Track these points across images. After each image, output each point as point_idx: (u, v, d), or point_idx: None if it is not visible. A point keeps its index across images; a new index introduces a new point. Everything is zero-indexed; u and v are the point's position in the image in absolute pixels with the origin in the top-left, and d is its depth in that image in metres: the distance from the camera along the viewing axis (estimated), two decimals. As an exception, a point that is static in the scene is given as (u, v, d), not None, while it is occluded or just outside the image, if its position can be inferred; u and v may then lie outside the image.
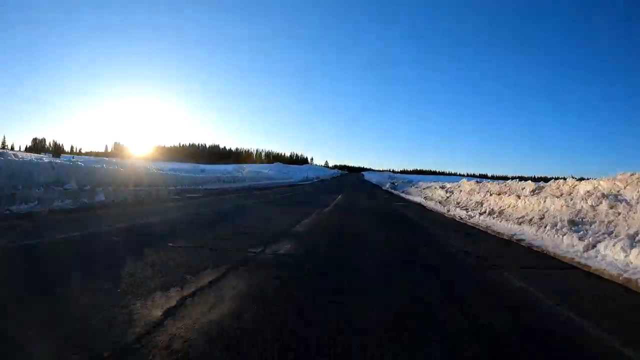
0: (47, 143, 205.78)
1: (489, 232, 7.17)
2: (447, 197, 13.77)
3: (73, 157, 49.79)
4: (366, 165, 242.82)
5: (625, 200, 5.70)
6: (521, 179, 12.86)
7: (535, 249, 5.48)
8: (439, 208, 11.90)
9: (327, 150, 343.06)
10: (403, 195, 22.18)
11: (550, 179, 10.40)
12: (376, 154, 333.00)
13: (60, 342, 1.96)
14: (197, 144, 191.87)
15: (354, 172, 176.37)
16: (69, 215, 6.81)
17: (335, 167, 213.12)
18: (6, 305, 2.46)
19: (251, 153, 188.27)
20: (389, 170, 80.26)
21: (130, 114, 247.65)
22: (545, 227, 6.01)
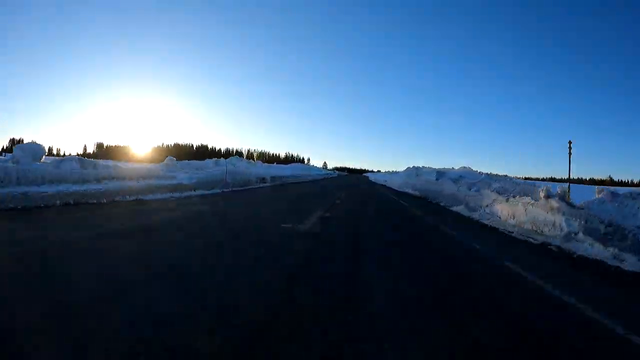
0: (25, 142, 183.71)
1: None
2: None
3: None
4: (367, 167, 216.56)
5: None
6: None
7: None
8: None
9: (327, 153, 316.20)
10: None
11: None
12: (376, 156, 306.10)
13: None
14: (182, 143, 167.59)
15: (355, 174, 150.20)
16: None
17: (335, 169, 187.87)
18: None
19: (242, 153, 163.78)
20: (411, 167, 50.67)
21: (117, 115, 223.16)
22: None
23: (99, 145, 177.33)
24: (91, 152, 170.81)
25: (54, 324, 2.03)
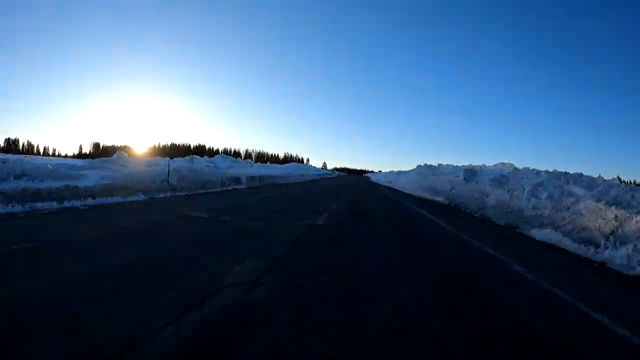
0: (21, 143, 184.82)
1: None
2: None
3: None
4: (367, 168, 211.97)
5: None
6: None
7: None
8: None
9: (327, 154, 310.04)
10: None
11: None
12: (376, 157, 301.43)
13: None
14: (178, 143, 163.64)
15: (355, 174, 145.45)
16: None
17: (335, 169, 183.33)
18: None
19: (239, 153, 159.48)
20: (423, 166, 38.73)
21: (115, 115, 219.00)
22: None
23: (96, 145, 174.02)
24: (87, 152, 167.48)
25: None
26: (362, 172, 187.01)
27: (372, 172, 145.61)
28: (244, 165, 34.58)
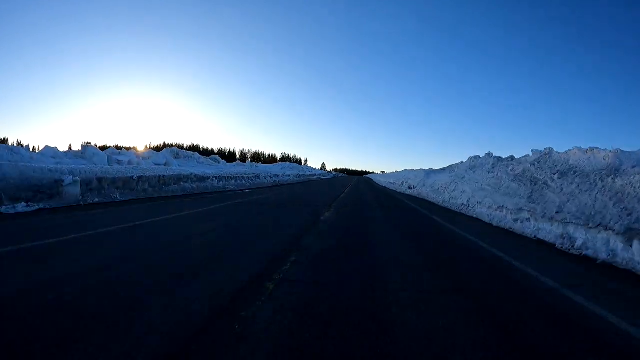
0: (10, 143, 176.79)
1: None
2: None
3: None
4: (367, 169, 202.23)
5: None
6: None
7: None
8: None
9: (328, 156, 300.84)
10: None
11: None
12: (375, 158, 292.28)
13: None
14: (171, 143, 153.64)
15: (356, 175, 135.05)
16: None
17: (335, 170, 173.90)
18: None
19: (234, 153, 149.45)
20: (487, 156, 11.32)
21: (108, 115, 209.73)
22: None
23: (87, 145, 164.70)
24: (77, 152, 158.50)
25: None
26: (362, 173, 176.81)
27: (373, 172, 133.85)
28: (198, 162, 24.38)
